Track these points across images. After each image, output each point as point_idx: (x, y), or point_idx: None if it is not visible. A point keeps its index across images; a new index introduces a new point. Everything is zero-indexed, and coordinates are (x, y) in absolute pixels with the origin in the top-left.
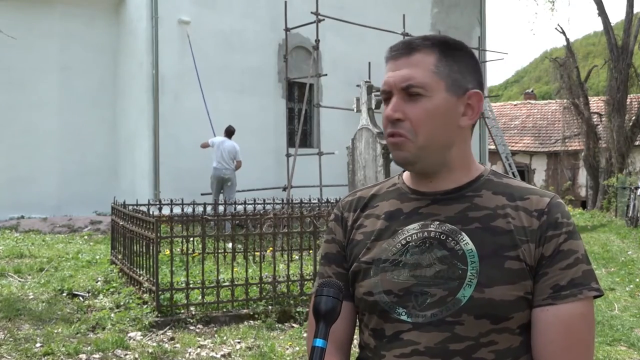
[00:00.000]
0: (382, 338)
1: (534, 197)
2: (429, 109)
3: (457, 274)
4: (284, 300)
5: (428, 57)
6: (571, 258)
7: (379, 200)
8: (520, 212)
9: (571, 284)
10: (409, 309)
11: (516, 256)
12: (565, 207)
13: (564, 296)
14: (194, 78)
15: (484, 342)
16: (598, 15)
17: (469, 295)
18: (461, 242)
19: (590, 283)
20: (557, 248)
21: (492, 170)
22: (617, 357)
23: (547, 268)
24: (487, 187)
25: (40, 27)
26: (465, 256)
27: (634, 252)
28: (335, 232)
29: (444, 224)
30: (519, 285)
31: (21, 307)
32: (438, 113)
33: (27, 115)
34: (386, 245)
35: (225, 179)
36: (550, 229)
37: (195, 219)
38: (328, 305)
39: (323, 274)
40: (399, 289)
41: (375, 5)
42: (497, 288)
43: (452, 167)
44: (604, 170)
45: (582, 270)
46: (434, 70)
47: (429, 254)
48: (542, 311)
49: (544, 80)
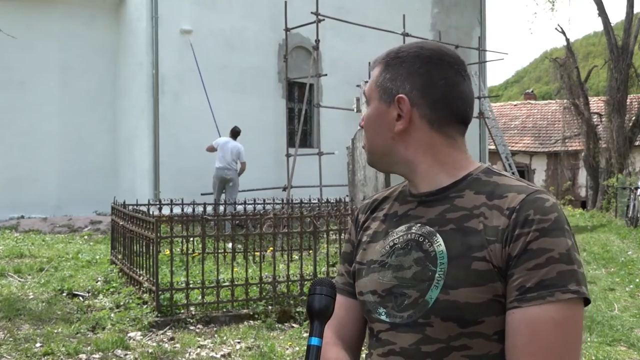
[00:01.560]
0: (372, 337)
1: (511, 195)
2: (367, 117)
3: (427, 275)
4: (283, 300)
5: (376, 70)
6: (542, 257)
7: (387, 202)
8: (494, 210)
9: (540, 285)
10: (388, 309)
11: (482, 257)
12: (544, 203)
13: (529, 298)
14: (194, 78)
15: (455, 345)
16: (598, 15)
17: (435, 297)
18: (435, 243)
19: (566, 285)
20: (524, 247)
21: (485, 168)
22: (617, 357)
23: (514, 269)
24: (471, 187)
25: (40, 27)
26: (436, 258)
27: (634, 252)
28: (351, 232)
29: (425, 226)
30: (487, 287)
31: (21, 307)
32: (371, 121)
33: (27, 115)
34: (378, 247)
35: (227, 179)
36: (517, 227)
37: (195, 219)
38: (321, 303)
39: (338, 271)
40: (382, 289)
41: (375, 6)
42: (462, 290)
43: (419, 170)
44: (604, 170)
45: (558, 271)
46: (375, 82)
47: (409, 256)
48: (509, 314)
49: (544, 80)
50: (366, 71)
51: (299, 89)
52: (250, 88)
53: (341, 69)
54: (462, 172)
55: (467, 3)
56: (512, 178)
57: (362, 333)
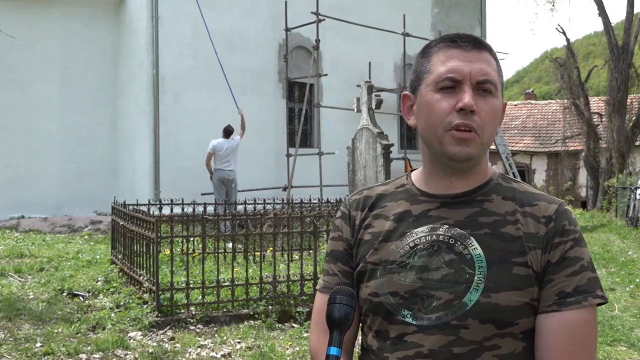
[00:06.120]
0: (386, 340)
1: (542, 204)
2: (495, 109)
3: (464, 277)
4: (284, 300)
5: (492, 58)
6: (577, 265)
7: (388, 200)
8: (529, 218)
9: (576, 290)
10: (415, 312)
11: (524, 262)
12: (572, 215)
13: (569, 303)
14: (194, 78)
15: (487, 346)
16: (598, 15)
17: (475, 300)
18: (469, 246)
19: (595, 290)
20: (563, 255)
21: (500, 174)
22: (617, 357)
23: (553, 275)
24: (497, 192)
25: (40, 27)
26: (474, 261)
27: (634, 252)
28: (342, 229)
29: (453, 228)
30: (526, 291)
31: (21, 307)
32: (497, 114)
33: (27, 115)
34: (394, 247)
35: (229, 180)
36: (557, 236)
37: (196, 219)
38: (341, 312)
39: (328, 270)
40: (405, 290)
41: (375, 5)
42: (504, 293)
43: (478, 167)
44: (604, 170)
45: (588, 278)
46: (497, 73)
47: (436, 257)
48: (547, 317)
49: (545, 80)
50: (366, 71)
51: (299, 89)
52: (250, 88)
53: (341, 69)
54: (486, 175)
55: (468, 3)
56: (525, 184)
57: (356, 335)
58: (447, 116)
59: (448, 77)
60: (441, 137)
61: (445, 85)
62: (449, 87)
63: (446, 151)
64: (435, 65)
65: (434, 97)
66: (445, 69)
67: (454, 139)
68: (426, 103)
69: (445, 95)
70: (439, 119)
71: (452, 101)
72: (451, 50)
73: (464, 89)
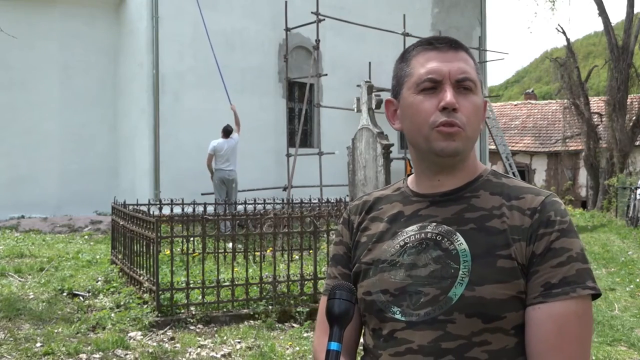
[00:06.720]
0: (380, 337)
1: (528, 196)
2: (476, 105)
3: (449, 272)
4: (284, 300)
5: (469, 57)
6: (564, 256)
7: (384, 203)
8: (514, 211)
9: (563, 282)
10: (403, 308)
11: (508, 255)
12: (560, 206)
13: (555, 294)
14: (194, 78)
15: (476, 341)
16: (598, 15)
17: (460, 294)
18: (455, 242)
19: (585, 282)
20: (548, 246)
21: (492, 171)
22: (617, 357)
23: (538, 266)
24: (485, 188)
25: (40, 26)
26: (459, 256)
27: (634, 252)
28: (342, 234)
29: (441, 225)
30: (511, 284)
31: (21, 307)
32: (479, 110)
33: (28, 115)
34: (386, 246)
35: (230, 180)
36: (541, 227)
37: (196, 219)
38: (341, 308)
39: (330, 274)
40: (394, 288)
41: (375, 5)
42: (488, 287)
43: (465, 164)
44: (605, 170)
45: (577, 269)
46: (475, 68)
47: (425, 254)
48: (534, 309)
49: (545, 80)
50: (366, 71)
51: (299, 88)
52: (250, 88)
53: (341, 68)
54: (476, 172)
55: (468, 3)
56: (517, 180)
57: (358, 336)
58: (431, 116)
59: (428, 78)
60: (427, 134)
61: (426, 87)
62: (430, 88)
63: (433, 147)
64: (415, 69)
65: (417, 98)
66: (425, 71)
67: (440, 134)
68: (409, 105)
69: (427, 96)
70: (424, 119)
71: (435, 101)
72: (429, 53)
73: (445, 88)
